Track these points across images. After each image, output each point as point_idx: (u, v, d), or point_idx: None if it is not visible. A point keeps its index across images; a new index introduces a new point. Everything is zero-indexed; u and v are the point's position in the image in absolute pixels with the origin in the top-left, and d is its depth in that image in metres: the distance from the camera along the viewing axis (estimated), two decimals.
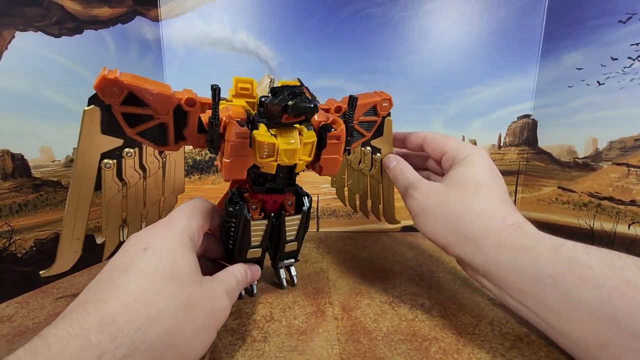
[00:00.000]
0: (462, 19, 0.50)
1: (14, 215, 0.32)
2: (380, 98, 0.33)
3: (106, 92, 0.24)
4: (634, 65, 0.40)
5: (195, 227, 0.26)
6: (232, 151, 0.24)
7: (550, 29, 0.50)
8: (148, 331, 0.18)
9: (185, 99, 0.25)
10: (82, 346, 0.16)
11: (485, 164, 0.30)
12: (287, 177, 0.29)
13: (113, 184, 0.28)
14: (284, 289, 0.34)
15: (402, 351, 0.25)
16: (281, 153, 0.25)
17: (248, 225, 0.28)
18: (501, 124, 0.54)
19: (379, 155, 0.38)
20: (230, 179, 0.26)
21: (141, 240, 0.23)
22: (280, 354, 0.25)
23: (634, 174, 0.41)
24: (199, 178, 0.54)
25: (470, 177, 0.29)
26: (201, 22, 0.49)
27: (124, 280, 0.20)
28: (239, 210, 0.28)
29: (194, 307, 0.21)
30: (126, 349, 0.17)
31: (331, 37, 0.50)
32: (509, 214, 0.27)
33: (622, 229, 0.42)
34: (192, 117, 0.26)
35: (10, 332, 0.27)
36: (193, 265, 0.23)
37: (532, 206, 0.53)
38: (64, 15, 0.36)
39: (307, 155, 0.26)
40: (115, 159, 0.27)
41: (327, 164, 0.28)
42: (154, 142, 0.27)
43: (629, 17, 0.40)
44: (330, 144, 0.26)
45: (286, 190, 0.30)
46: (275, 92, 0.24)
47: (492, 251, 0.25)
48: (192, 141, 0.27)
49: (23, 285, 0.33)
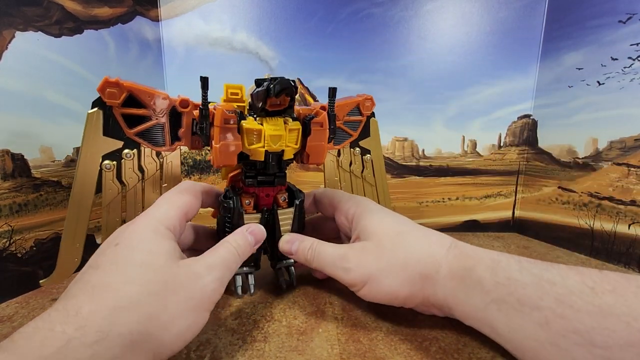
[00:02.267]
0: (462, 19, 0.50)
1: (14, 215, 0.32)
2: (362, 98, 0.35)
3: (108, 93, 0.25)
4: (634, 65, 0.40)
5: (175, 214, 0.25)
6: (220, 135, 0.26)
7: (550, 29, 0.50)
8: (117, 319, 0.18)
9: (179, 101, 0.28)
10: (45, 337, 0.16)
11: (378, 206, 0.31)
12: (277, 165, 0.29)
13: (113, 186, 0.29)
14: (283, 290, 0.34)
15: (402, 351, 0.25)
16: (268, 138, 0.27)
17: (241, 218, 0.29)
18: (501, 124, 0.54)
19: (369, 157, 0.39)
20: (220, 164, 0.27)
21: (115, 236, 0.23)
22: (280, 354, 0.25)
23: (634, 174, 0.41)
24: (199, 178, 0.54)
25: (383, 221, 0.29)
26: (201, 22, 0.49)
27: (94, 276, 0.20)
28: (232, 203, 0.29)
29: (169, 292, 0.20)
30: (94, 336, 0.17)
31: (331, 37, 0.50)
32: (440, 236, 0.27)
33: (622, 229, 0.42)
34: (186, 118, 0.28)
35: (10, 332, 0.27)
36: (168, 252, 0.22)
37: (532, 206, 0.53)
38: (64, 15, 0.36)
39: (294, 143, 0.29)
40: (115, 161, 0.28)
41: (313, 150, 0.30)
42: (151, 142, 0.28)
43: (629, 17, 0.40)
44: (315, 131, 0.29)
45: (277, 183, 0.30)
46: (259, 83, 0.26)
47: (449, 281, 0.24)
48: (186, 141, 0.29)
49: (23, 285, 0.34)
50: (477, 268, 0.23)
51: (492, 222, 0.56)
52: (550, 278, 0.20)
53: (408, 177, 0.55)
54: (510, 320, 0.21)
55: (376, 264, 0.27)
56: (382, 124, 0.53)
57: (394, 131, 0.54)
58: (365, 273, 0.27)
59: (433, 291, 0.25)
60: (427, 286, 0.25)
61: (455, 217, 0.56)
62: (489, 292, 0.22)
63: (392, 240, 0.27)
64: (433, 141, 0.55)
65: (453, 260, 0.25)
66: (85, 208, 0.28)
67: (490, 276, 0.22)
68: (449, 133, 0.54)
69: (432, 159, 0.55)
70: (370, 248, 0.28)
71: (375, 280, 0.26)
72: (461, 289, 0.24)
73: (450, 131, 0.54)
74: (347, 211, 0.31)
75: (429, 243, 0.27)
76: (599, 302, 0.18)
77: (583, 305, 0.19)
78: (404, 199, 0.55)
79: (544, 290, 0.20)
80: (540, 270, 0.21)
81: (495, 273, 0.22)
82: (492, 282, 0.22)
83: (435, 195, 0.56)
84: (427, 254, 0.26)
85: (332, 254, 0.29)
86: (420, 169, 0.55)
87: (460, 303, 0.24)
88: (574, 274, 0.20)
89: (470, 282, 0.23)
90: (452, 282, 0.24)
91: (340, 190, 0.34)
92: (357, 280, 0.27)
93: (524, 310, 0.20)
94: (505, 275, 0.22)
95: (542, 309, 0.20)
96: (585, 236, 0.46)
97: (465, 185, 0.56)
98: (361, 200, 0.32)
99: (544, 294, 0.20)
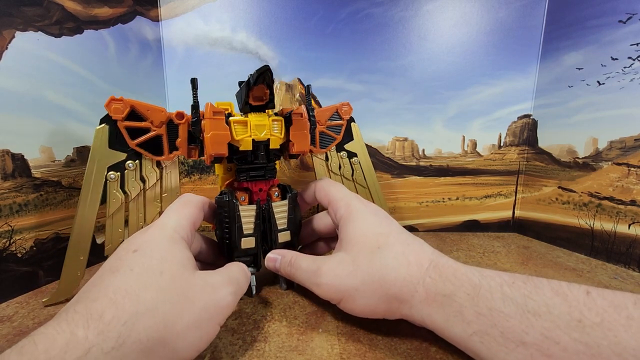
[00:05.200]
0: (462, 19, 0.50)
1: (14, 215, 0.32)
2: (340, 104, 0.39)
3: (113, 108, 0.29)
4: (634, 65, 0.40)
5: (186, 224, 0.26)
6: (210, 126, 0.29)
7: (550, 29, 0.50)
8: (135, 325, 0.18)
9: (175, 114, 0.31)
10: (68, 341, 0.16)
11: (367, 210, 0.30)
12: (265, 155, 0.32)
13: (117, 195, 0.31)
14: (283, 290, 0.34)
15: (402, 351, 0.25)
16: (254, 128, 0.31)
17: (237, 210, 0.31)
18: (501, 124, 0.54)
19: (356, 159, 0.41)
20: (213, 152, 0.30)
21: (132, 243, 0.23)
22: (280, 354, 0.25)
23: (634, 174, 0.41)
24: (199, 178, 0.54)
25: (365, 231, 0.28)
26: (201, 22, 0.49)
27: (113, 280, 0.20)
28: (227, 197, 0.31)
29: (186, 301, 0.21)
30: (113, 342, 0.17)
31: (331, 37, 0.50)
32: (420, 254, 0.26)
33: (622, 229, 0.42)
34: (182, 130, 0.32)
35: (10, 332, 0.27)
36: (184, 260, 0.23)
37: (532, 206, 0.53)
38: (64, 15, 0.36)
39: (279, 134, 0.32)
40: (119, 172, 0.31)
41: (296, 138, 0.32)
42: (152, 152, 0.31)
43: (629, 17, 0.40)
44: (296, 120, 0.32)
45: (268, 176, 0.33)
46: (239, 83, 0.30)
47: (425, 307, 0.23)
48: (183, 150, 0.32)
49: (23, 285, 0.34)
50: (456, 296, 0.22)
51: (492, 222, 0.56)
52: (535, 309, 0.19)
53: (408, 177, 0.55)
54: (495, 355, 0.20)
55: (350, 281, 0.26)
56: (382, 124, 0.54)
57: (394, 131, 0.54)
58: (339, 290, 0.26)
59: (410, 313, 0.25)
60: (404, 307, 0.25)
61: (455, 217, 0.56)
62: (470, 323, 0.21)
63: (370, 257, 0.26)
64: (433, 141, 0.55)
65: (430, 284, 0.23)
66: (90, 220, 0.30)
67: (470, 306, 0.21)
68: (449, 133, 0.54)
69: (432, 159, 0.55)
70: (346, 262, 0.27)
71: (350, 298, 0.26)
72: (440, 316, 0.23)
73: (450, 131, 0.54)
74: (336, 211, 0.31)
75: (407, 263, 0.25)
76: (587, 339, 0.17)
77: (570, 343, 0.18)
78: (404, 199, 0.55)
79: (528, 323, 0.19)
80: (524, 299, 0.20)
81: (476, 303, 0.21)
82: (473, 312, 0.21)
83: (435, 195, 0.56)
84: (403, 276, 0.24)
85: (307, 269, 0.29)
86: (420, 169, 0.55)
87: (439, 329, 0.23)
88: (560, 303, 0.19)
89: (450, 311, 0.22)
90: (430, 307, 0.23)
91: (338, 184, 0.33)
92: (332, 297, 0.27)
93: (509, 346, 0.19)
94: (487, 306, 0.21)
95: (527, 346, 0.19)
96: (585, 236, 0.46)
97: (465, 185, 0.56)
98: (351, 202, 0.31)
99: (529, 328, 0.19)
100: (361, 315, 0.27)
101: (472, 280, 0.22)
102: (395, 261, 0.25)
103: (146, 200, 0.32)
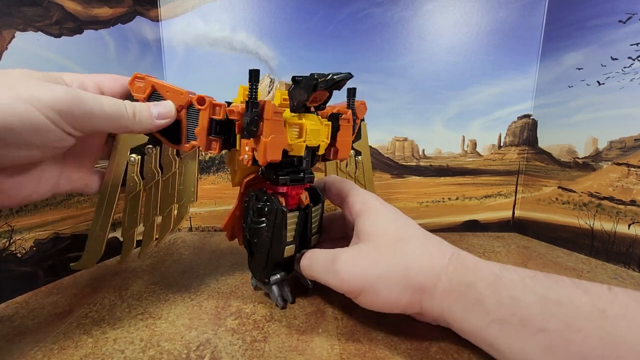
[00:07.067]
0: (462, 19, 0.50)
1: (14, 215, 0.32)
2: (358, 103, 0.36)
3: (135, 87, 0.27)
4: (634, 65, 0.40)
5: None
6: (271, 129, 0.25)
7: (550, 29, 0.50)
8: None
9: (196, 97, 0.27)
10: None
11: (385, 206, 0.30)
12: (311, 161, 0.30)
13: (135, 179, 0.31)
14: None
15: (402, 351, 0.25)
16: (308, 133, 0.27)
17: (285, 219, 0.28)
18: (501, 124, 0.54)
19: (360, 158, 0.41)
20: (268, 159, 0.26)
21: None
22: (280, 354, 0.25)
23: (634, 174, 0.41)
24: (198, 177, 0.54)
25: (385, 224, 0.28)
26: (201, 22, 0.49)
27: None
28: (273, 204, 0.28)
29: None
30: None
31: (331, 37, 0.50)
32: (441, 247, 0.26)
33: (622, 229, 0.42)
34: (203, 117, 0.28)
35: (10, 332, 0.27)
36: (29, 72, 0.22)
37: (532, 206, 0.53)
38: (64, 15, 0.36)
39: (327, 138, 0.29)
40: (140, 156, 0.31)
41: (342, 146, 0.31)
42: (169, 139, 0.29)
43: (629, 17, 0.40)
44: (344, 127, 0.30)
45: (307, 180, 0.30)
46: (298, 81, 0.26)
47: (446, 298, 0.23)
48: (201, 141, 0.28)
49: (23, 285, 0.34)
50: (478, 284, 0.22)
51: (492, 222, 0.56)
52: (557, 298, 0.19)
53: (408, 177, 0.55)
54: (513, 342, 0.20)
55: (373, 270, 0.25)
56: (382, 124, 0.54)
57: (394, 131, 0.54)
58: (361, 280, 0.25)
59: (430, 305, 0.24)
60: (425, 299, 0.24)
61: (455, 217, 0.56)
62: (490, 312, 0.21)
63: (392, 247, 0.26)
64: (433, 141, 0.55)
65: (453, 273, 0.24)
66: (112, 198, 0.30)
67: (492, 294, 0.21)
68: (449, 133, 0.54)
69: (432, 159, 0.55)
70: (367, 251, 0.26)
71: (372, 289, 0.25)
72: (459, 306, 0.23)
73: (450, 131, 0.54)
74: (352, 206, 0.31)
75: (430, 253, 0.25)
76: (611, 328, 0.17)
77: (593, 331, 0.17)
78: (404, 199, 0.55)
79: (549, 312, 0.19)
80: (546, 289, 0.20)
81: (498, 291, 0.21)
82: (494, 301, 0.21)
83: (435, 195, 0.56)
84: (428, 264, 0.25)
85: (324, 259, 0.28)
86: (420, 169, 0.55)
87: (458, 320, 0.23)
88: (582, 294, 0.19)
89: (470, 300, 0.22)
90: (450, 297, 0.23)
91: (349, 181, 0.33)
92: (352, 287, 0.26)
93: (528, 333, 0.19)
94: (509, 295, 0.21)
95: (548, 332, 0.19)
96: (585, 236, 0.46)
97: (465, 185, 0.56)
98: (368, 198, 0.30)
99: (550, 316, 0.19)
100: (381, 309, 0.26)
101: (494, 270, 0.23)
102: (419, 251, 0.26)
103: (161, 190, 0.32)
